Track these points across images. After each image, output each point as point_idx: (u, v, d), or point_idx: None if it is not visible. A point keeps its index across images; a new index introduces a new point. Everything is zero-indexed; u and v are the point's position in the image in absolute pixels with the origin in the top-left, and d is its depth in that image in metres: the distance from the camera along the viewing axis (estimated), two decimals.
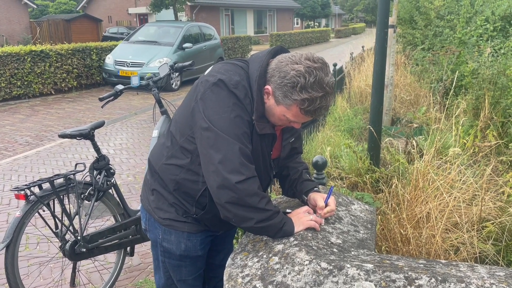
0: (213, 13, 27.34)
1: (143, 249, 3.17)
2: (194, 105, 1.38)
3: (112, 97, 2.85)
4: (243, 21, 30.75)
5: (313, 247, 1.36)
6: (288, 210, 1.55)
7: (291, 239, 1.41)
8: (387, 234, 2.84)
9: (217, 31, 26.00)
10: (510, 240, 2.87)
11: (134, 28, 22.55)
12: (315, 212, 1.52)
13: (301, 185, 1.61)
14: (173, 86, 10.18)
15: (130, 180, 4.64)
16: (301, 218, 1.46)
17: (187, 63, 3.06)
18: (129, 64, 9.94)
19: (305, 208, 1.52)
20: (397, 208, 3.04)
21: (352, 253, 1.39)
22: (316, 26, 46.13)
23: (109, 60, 10.35)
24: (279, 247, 1.39)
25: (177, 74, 3.01)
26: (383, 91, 3.92)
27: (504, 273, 1.21)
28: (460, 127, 4.04)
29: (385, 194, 3.29)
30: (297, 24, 43.52)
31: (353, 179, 3.90)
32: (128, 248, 2.78)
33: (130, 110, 8.25)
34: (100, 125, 2.59)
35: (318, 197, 1.53)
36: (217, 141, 1.31)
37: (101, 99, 2.82)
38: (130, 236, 2.67)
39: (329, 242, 1.43)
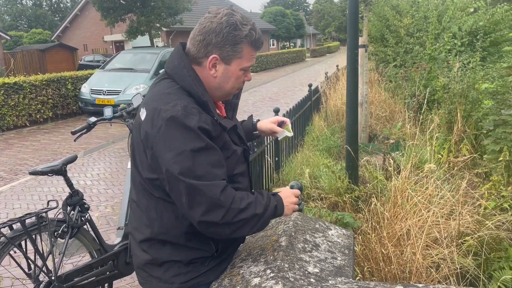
0: None
1: (122, 283, 3.08)
2: (151, 156, 1.30)
3: (85, 130, 2.81)
4: None
5: (290, 278, 1.34)
6: (276, 190, 1.51)
7: (268, 271, 1.39)
8: (369, 254, 2.83)
9: None
10: (489, 254, 2.90)
11: (110, 55, 22.51)
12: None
13: (245, 126, 1.71)
14: None
15: (108, 211, 4.54)
16: (288, 203, 1.44)
17: None
18: (105, 92, 9.87)
19: (291, 191, 1.49)
20: (378, 227, 3.04)
21: (330, 282, 1.38)
22: (291, 46, 46.93)
23: (85, 89, 10.26)
24: (256, 280, 1.36)
25: None
26: (357, 110, 3.98)
27: None
28: (434, 142, 4.11)
29: (364, 213, 3.30)
30: (273, 45, 44.21)
31: (333, 199, 3.91)
32: (106, 285, 2.69)
33: (107, 139, 8.15)
34: (72, 160, 2.54)
35: (269, 125, 1.70)
36: (190, 191, 1.25)
37: (73, 133, 2.77)
38: (108, 272, 2.59)
39: (307, 272, 1.41)
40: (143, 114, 1.35)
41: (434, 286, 1.28)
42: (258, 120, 1.73)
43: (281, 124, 1.69)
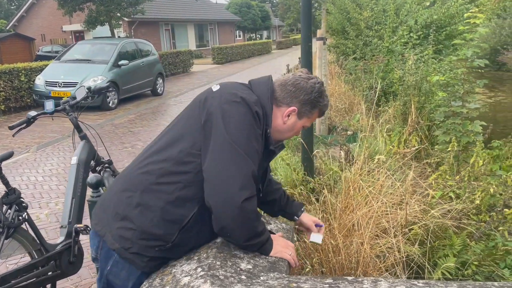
0: (153, 28, 26.95)
1: (68, 284, 2.98)
2: (208, 118, 1.40)
3: (25, 125, 2.67)
4: (184, 35, 30.56)
5: (220, 276, 1.31)
6: (273, 231, 1.62)
7: (199, 269, 1.36)
8: (318, 245, 2.85)
9: (158, 46, 25.70)
10: (434, 242, 2.99)
11: (70, 46, 21.72)
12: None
13: (291, 208, 1.81)
14: (110, 104, 9.85)
15: (59, 208, 4.37)
16: (282, 245, 1.52)
17: (104, 85, 2.95)
18: (61, 84, 9.50)
19: (291, 244, 1.59)
20: (330, 218, 3.07)
21: (261, 278, 1.36)
22: (258, 38, 46.82)
23: (40, 81, 9.83)
24: (185, 280, 1.33)
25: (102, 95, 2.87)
26: None
27: (403, 287, 1.22)
28: (385, 134, 4.19)
29: (315, 205, 3.32)
30: (240, 36, 43.94)
31: (289, 191, 3.92)
32: (50, 285, 2.59)
33: (63, 133, 7.85)
34: (8, 156, 2.41)
35: (309, 222, 1.80)
36: (233, 156, 1.34)
37: (11, 128, 2.63)
38: (50, 273, 2.49)
39: (239, 269, 1.39)
40: (216, 87, 1.51)
41: (363, 278, 1.29)
42: (303, 211, 1.84)
43: (318, 226, 1.85)
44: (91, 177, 2.15)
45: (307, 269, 2.67)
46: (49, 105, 2.74)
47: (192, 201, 1.41)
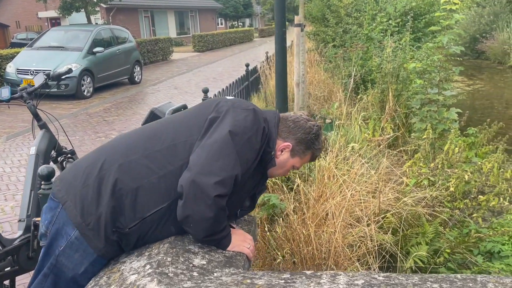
0: (132, 15, 26.36)
1: (29, 280, 2.85)
2: (216, 115, 1.43)
3: None
4: (164, 23, 30.00)
5: (169, 274, 1.23)
6: (233, 225, 1.57)
7: (147, 267, 1.27)
8: (290, 235, 2.79)
9: (137, 33, 25.16)
10: (407, 230, 2.96)
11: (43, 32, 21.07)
12: None
13: None
14: (85, 93, 9.58)
15: None
16: (240, 239, 1.47)
17: (63, 71, 2.79)
18: (33, 72, 9.17)
19: (250, 236, 1.53)
20: (304, 207, 3.01)
21: (215, 274, 1.28)
22: (240, 26, 46.35)
23: (10, 68, 9.48)
24: (133, 278, 1.24)
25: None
26: (286, 91, 3.91)
27: (363, 281, 1.15)
28: (360, 121, 4.14)
29: (288, 195, 3.26)
30: (222, 24, 43.42)
31: None
32: (8, 281, 2.47)
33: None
34: None
35: None
36: (225, 152, 1.33)
37: None
38: (7, 269, 2.36)
39: (191, 265, 1.30)
40: (230, 97, 1.57)
41: (322, 273, 1.21)
42: None
43: None
44: (42, 168, 2.02)
45: (278, 260, 2.61)
46: (5, 92, 2.58)
47: (163, 195, 1.35)
